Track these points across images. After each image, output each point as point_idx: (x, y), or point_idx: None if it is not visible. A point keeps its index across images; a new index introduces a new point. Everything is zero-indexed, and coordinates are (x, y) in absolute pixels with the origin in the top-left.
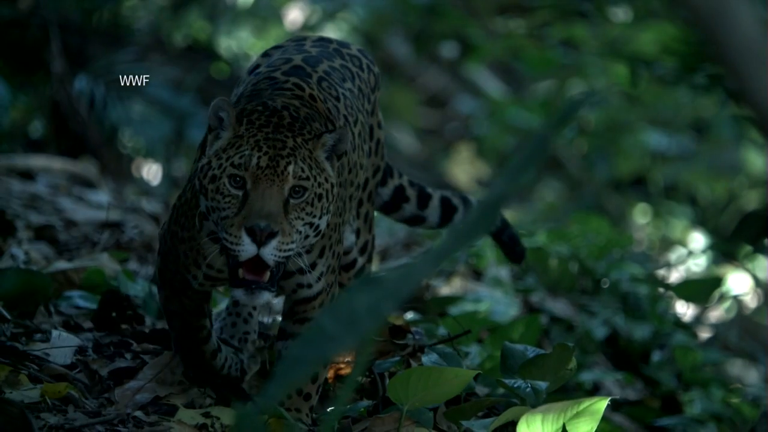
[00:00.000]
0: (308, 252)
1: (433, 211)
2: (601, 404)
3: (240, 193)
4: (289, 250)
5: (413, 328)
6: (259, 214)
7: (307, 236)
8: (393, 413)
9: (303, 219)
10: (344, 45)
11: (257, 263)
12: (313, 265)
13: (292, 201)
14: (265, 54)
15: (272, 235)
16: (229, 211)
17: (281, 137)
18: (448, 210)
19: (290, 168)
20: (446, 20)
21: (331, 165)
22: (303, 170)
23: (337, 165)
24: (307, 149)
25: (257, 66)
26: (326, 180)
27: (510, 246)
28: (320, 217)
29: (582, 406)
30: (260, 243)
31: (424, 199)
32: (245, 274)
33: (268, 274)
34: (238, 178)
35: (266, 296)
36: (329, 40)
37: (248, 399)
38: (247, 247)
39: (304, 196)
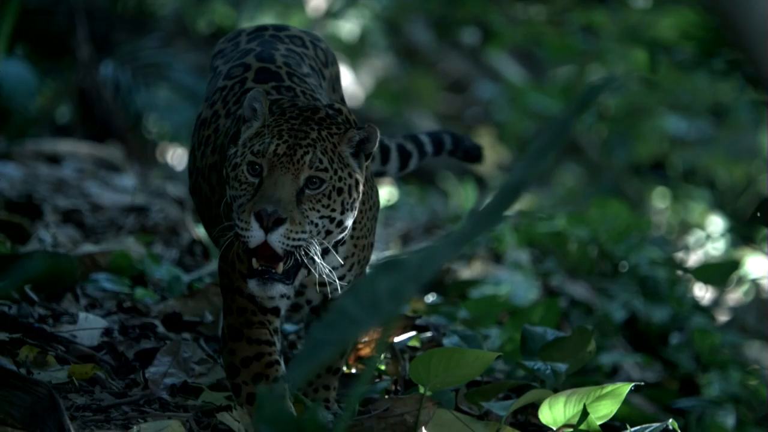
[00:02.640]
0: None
1: (393, 163)
2: (624, 388)
3: (256, 180)
4: (299, 239)
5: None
6: (269, 200)
7: (329, 231)
8: (414, 394)
9: (319, 211)
10: (282, 28)
11: (271, 253)
12: (342, 277)
13: (307, 191)
14: (212, 68)
15: (280, 221)
16: (244, 198)
17: (306, 128)
18: (404, 157)
19: (307, 158)
20: (467, 6)
21: (359, 163)
22: (321, 161)
23: (365, 163)
24: (331, 143)
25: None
26: (349, 175)
27: (467, 154)
28: (342, 212)
29: (605, 390)
30: (267, 228)
31: (385, 154)
32: (258, 262)
33: (281, 265)
34: (256, 166)
35: (279, 288)
36: (264, 27)
37: None
38: (254, 233)
39: (321, 188)
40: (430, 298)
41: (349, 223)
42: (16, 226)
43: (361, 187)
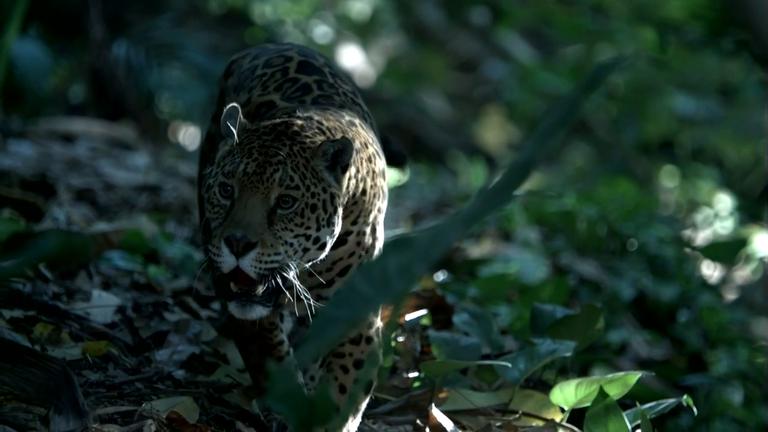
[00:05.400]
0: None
1: None
2: (633, 377)
3: (228, 202)
4: (273, 262)
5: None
6: (238, 224)
7: (306, 249)
8: (427, 389)
9: (292, 231)
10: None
11: (247, 277)
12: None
13: (279, 211)
14: (228, 73)
15: (250, 246)
16: (217, 221)
17: (277, 145)
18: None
19: (277, 175)
20: None
21: (335, 176)
22: (292, 179)
23: (343, 177)
24: (304, 158)
25: (224, 90)
26: (323, 191)
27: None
28: (318, 229)
29: (615, 377)
30: (237, 254)
31: None
32: (236, 286)
33: (259, 287)
34: (228, 187)
35: (259, 310)
36: (289, 44)
37: None
38: (226, 258)
39: (294, 207)
40: (440, 276)
41: (328, 239)
42: (30, 205)
43: (338, 200)
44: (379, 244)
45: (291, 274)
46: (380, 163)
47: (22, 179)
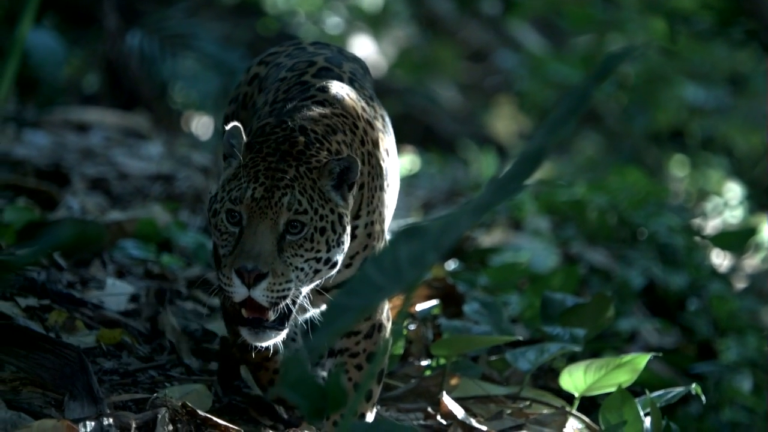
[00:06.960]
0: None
1: None
2: (642, 360)
3: (236, 230)
4: (284, 290)
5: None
6: (249, 255)
7: (317, 271)
8: (438, 372)
9: (303, 256)
10: (342, 50)
11: (258, 305)
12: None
13: (288, 237)
14: (262, 62)
15: (261, 276)
16: (226, 249)
17: (283, 166)
18: None
19: (285, 200)
20: None
21: (341, 194)
22: (301, 203)
23: (349, 194)
24: (311, 179)
25: (255, 75)
26: (332, 212)
27: None
28: (328, 251)
29: (624, 360)
30: (249, 285)
31: None
32: (246, 313)
33: (271, 313)
34: (235, 213)
35: (273, 335)
36: (327, 44)
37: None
38: (237, 289)
39: (303, 232)
40: (451, 265)
41: (339, 258)
42: (45, 194)
43: (346, 220)
44: (386, 227)
45: (302, 294)
46: (373, 133)
47: (36, 168)
